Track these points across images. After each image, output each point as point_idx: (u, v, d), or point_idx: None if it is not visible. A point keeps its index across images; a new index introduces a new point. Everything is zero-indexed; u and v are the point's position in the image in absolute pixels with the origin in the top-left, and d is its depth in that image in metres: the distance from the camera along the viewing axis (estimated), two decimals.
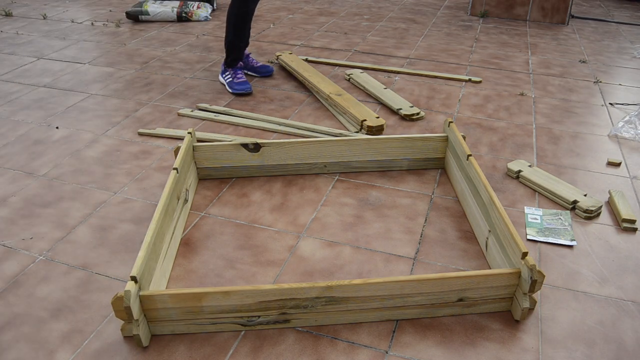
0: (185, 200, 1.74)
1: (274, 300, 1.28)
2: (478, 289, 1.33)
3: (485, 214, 1.58)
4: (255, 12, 4.10)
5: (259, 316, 1.31)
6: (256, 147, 1.89)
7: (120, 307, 1.22)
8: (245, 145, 1.88)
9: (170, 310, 1.28)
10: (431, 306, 1.35)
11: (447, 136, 1.93)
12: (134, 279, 1.24)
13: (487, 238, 1.56)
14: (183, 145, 1.80)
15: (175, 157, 1.83)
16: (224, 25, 3.77)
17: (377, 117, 2.28)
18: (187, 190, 1.76)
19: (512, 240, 1.37)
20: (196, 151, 1.87)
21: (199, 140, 2.16)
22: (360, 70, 2.87)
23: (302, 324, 1.34)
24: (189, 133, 1.85)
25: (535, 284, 1.29)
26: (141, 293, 1.25)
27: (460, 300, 1.35)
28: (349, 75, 2.80)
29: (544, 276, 1.29)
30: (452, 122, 1.91)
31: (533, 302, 1.36)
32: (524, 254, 1.30)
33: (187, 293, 1.26)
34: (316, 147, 1.92)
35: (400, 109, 2.41)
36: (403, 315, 1.36)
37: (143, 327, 1.27)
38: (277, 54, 3.04)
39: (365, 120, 2.22)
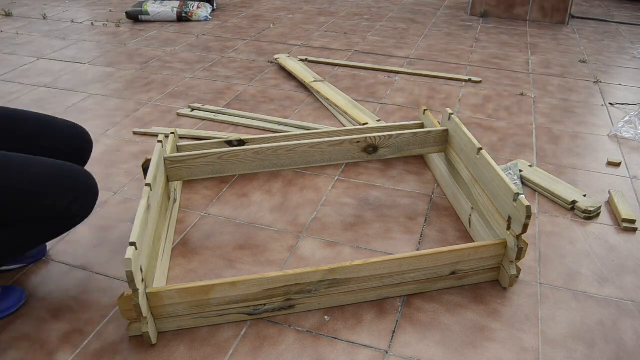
0: (175, 200, 1.75)
1: (279, 287, 1.31)
2: (469, 261, 1.42)
3: (467, 193, 1.67)
4: (256, 12, 4.11)
5: (264, 304, 1.33)
6: (240, 144, 1.89)
7: (127, 306, 1.22)
8: (229, 143, 1.88)
9: (177, 306, 1.29)
10: (427, 281, 1.42)
11: (422, 123, 2.01)
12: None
13: (470, 215, 1.64)
14: (168, 145, 1.81)
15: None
16: (224, 25, 3.77)
17: (379, 120, 2.28)
18: (174, 189, 1.77)
19: (497, 213, 1.45)
20: (180, 151, 1.87)
21: (197, 139, 2.16)
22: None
23: (306, 308, 1.38)
24: (172, 133, 1.86)
25: (521, 251, 1.37)
26: (148, 290, 1.26)
27: (453, 273, 1.43)
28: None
29: (527, 244, 1.37)
30: (426, 109, 1.99)
31: (519, 270, 1.43)
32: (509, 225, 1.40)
33: (194, 287, 1.27)
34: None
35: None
36: (401, 292, 1.43)
37: (151, 324, 1.28)
38: (276, 56, 3.03)
39: (366, 123, 2.22)
